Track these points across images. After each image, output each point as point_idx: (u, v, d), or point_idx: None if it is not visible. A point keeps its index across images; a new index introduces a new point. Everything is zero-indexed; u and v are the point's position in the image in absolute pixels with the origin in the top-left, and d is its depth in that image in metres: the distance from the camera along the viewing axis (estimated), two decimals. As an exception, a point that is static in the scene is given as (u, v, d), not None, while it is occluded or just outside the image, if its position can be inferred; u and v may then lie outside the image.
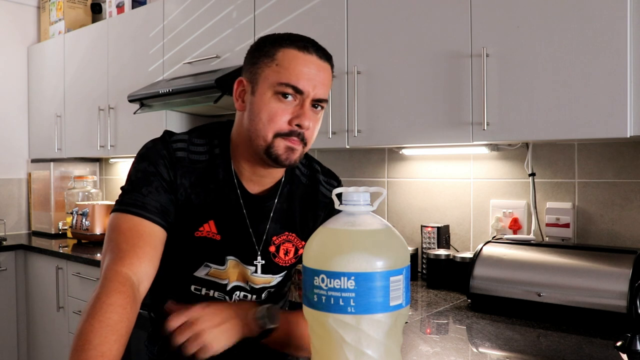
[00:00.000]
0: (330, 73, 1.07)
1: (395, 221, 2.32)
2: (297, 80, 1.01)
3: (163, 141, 1.09)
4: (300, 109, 1.02)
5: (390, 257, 0.69)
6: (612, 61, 1.47)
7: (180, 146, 1.08)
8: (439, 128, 1.80)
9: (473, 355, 1.32)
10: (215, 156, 1.10)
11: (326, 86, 1.05)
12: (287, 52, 1.03)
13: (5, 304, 3.20)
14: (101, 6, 3.73)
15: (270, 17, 2.28)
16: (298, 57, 1.02)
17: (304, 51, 1.02)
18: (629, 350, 1.27)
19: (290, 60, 1.02)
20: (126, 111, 3.00)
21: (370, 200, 0.73)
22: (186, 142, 1.09)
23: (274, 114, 1.02)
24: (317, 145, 2.13)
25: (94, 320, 0.83)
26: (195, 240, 1.09)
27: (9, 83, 3.78)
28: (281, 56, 1.02)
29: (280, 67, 1.02)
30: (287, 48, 1.03)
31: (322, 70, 1.04)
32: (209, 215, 1.09)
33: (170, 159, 1.07)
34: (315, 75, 1.02)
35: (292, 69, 1.01)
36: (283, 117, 1.02)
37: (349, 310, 0.67)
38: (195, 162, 1.09)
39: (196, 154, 1.09)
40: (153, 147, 1.09)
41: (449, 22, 1.77)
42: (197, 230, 1.08)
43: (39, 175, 3.71)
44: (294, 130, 1.02)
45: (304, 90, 1.01)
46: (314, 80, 1.02)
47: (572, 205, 1.89)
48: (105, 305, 0.85)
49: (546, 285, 1.58)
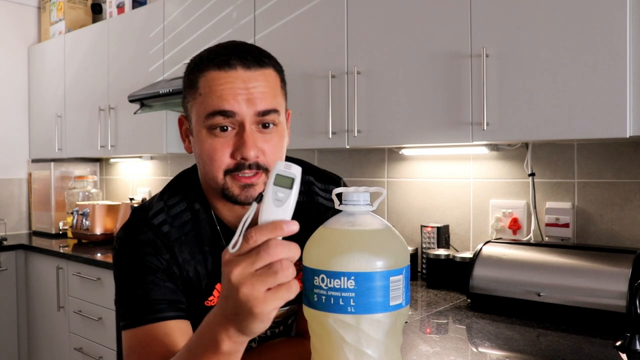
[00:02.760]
0: (272, 76, 0.92)
1: (395, 221, 2.33)
2: (221, 104, 0.86)
3: (140, 223, 0.96)
4: (240, 137, 0.87)
5: (390, 257, 0.69)
6: (611, 61, 1.47)
7: (162, 219, 0.95)
8: (439, 128, 1.81)
9: (473, 355, 1.32)
10: (196, 212, 0.98)
11: (267, 95, 0.89)
12: (207, 76, 0.89)
13: (5, 303, 3.20)
14: (101, 6, 3.74)
15: (270, 17, 2.29)
16: (218, 78, 0.88)
17: (225, 68, 0.88)
18: (629, 350, 1.27)
19: (211, 85, 0.88)
20: (126, 111, 3.00)
21: (370, 200, 0.73)
22: (164, 212, 0.96)
23: (212, 152, 0.88)
24: (317, 145, 2.14)
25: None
26: (206, 310, 0.97)
27: (9, 83, 3.78)
28: (202, 83, 0.89)
29: (203, 96, 0.89)
30: (207, 71, 0.89)
31: (254, 80, 0.88)
32: (215, 280, 0.98)
33: (156, 242, 0.94)
34: (244, 89, 0.87)
35: (213, 94, 0.87)
36: (224, 154, 0.88)
37: (348, 310, 0.67)
38: (182, 227, 0.96)
39: (179, 217, 0.97)
40: (128, 238, 0.95)
41: (449, 22, 1.78)
42: (207, 300, 0.98)
43: (40, 175, 3.72)
44: (240, 163, 0.88)
45: (236, 111, 0.87)
46: (244, 95, 0.87)
47: (571, 205, 1.89)
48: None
49: (546, 285, 1.58)
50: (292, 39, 2.20)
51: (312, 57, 2.14)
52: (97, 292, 2.69)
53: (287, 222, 0.63)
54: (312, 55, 2.14)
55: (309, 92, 2.14)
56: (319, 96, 2.11)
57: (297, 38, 2.19)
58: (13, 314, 3.24)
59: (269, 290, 0.62)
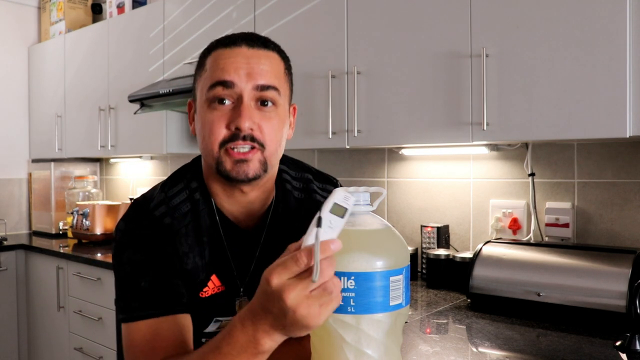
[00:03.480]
0: (276, 59, 0.94)
1: (395, 221, 2.33)
2: (222, 75, 0.89)
3: (142, 215, 0.95)
4: (236, 110, 0.89)
5: (390, 257, 0.69)
6: (611, 61, 1.47)
7: (163, 210, 0.95)
8: (439, 128, 1.81)
9: (473, 354, 1.32)
10: (196, 202, 0.97)
11: (267, 72, 0.91)
12: (214, 55, 0.93)
13: (5, 303, 3.20)
14: (101, 6, 3.74)
15: (270, 17, 2.29)
16: (223, 54, 0.91)
17: (230, 46, 0.91)
18: (629, 350, 1.27)
19: (216, 60, 0.91)
20: (126, 111, 3.00)
21: (370, 200, 0.73)
22: (165, 203, 0.96)
23: (210, 124, 0.90)
24: (317, 145, 2.14)
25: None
26: (201, 301, 0.97)
27: (9, 83, 3.78)
28: (209, 61, 0.93)
29: (208, 72, 0.92)
30: (214, 51, 0.93)
31: (256, 57, 0.91)
32: (211, 271, 0.98)
33: (158, 235, 0.93)
34: (245, 64, 0.89)
35: (216, 67, 0.90)
36: (220, 125, 0.89)
37: (349, 310, 0.67)
38: (183, 218, 0.95)
39: (179, 209, 0.96)
40: (130, 229, 0.94)
41: (449, 22, 1.78)
42: (202, 291, 0.97)
43: (40, 175, 3.72)
44: (235, 134, 0.89)
45: (234, 82, 0.89)
46: (245, 69, 0.89)
47: (571, 205, 1.89)
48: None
49: (546, 285, 1.58)
50: (292, 39, 2.20)
51: (312, 57, 2.14)
52: (97, 292, 2.69)
53: (334, 242, 0.65)
54: (312, 55, 2.14)
55: (309, 92, 2.14)
56: (319, 96, 2.11)
57: (297, 38, 2.19)
58: (13, 314, 3.24)
59: (322, 305, 0.65)
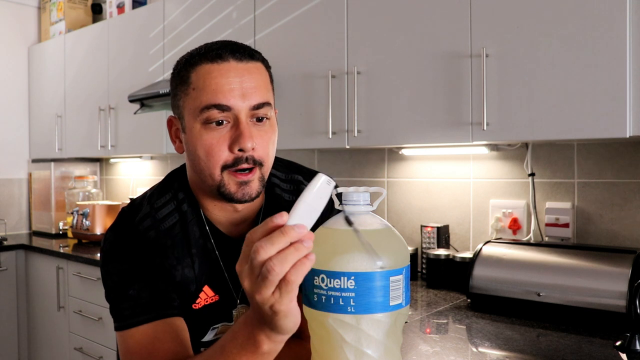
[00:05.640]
0: (263, 70, 0.92)
1: (395, 221, 2.33)
2: (216, 97, 0.86)
3: (127, 227, 0.94)
4: (236, 130, 0.87)
5: (390, 257, 0.69)
6: (611, 61, 1.47)
7: (148, 224, 0.94)
8: (439, 128, 1.81)
9: (473, 354, 1.32)
10: (184, 214, 0.96)
11: (260, 88, 0.89)
12: (200, 70, 0.89)
13: (5, 304, 3.20)
14: (102, 6, 3.74)
15: (270, 17, 2.29)
16: (211, 71, 0.88)
17: (217, 61, 0.88)
18: (629, 350, 1.27)
19: (205, 78, 0.88)
20: (127, 111, 3.00)
21: (370, 200, 0.73)
22: (151, 216, 0.95)
23: (209, 147, 0.88)
24: (317, 145, 2.14)
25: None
26: (194, 313, 0.97)
27: (9, 83, 3.78)
28: (195, 77, 0.89)
29: (197, 91, 0.88)
30: (199, 65, 0.89)
31: (247, 72, 0.89)
32: (202, 283, 0.97)
33: (143, 248, 0.92)
34: (239, 83, 0.87)
35: (208, 87, 0.87)
36: (221, 147, 0.87)
37: (348, 310, 0.67)
38: (170, 231, 0.95)
39: (165, 221, 0.95)
40: (116, 240, 0.94)
41: (449, 22, 1.78)
42: (195, 302, 0.97)
43: (40, 175, 3.72)
44: (239, 157, 0.88)
45: (231, 106, 0.87)
46: (240, 89, 0.87)
47: (571, 205, 1.89)
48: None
49: (546, 285, 1.58)
50: (292, 39, 2.20)
51: (312, 57, 2.14)
52: (97, 292, 2.69)
53: (283, 220, 0.65)
54: (312, 55, 2.14)
55: (309, 92, 2.14)
56: (319, 96, 2.11)
57: (297, 38, 2.19)
58: (13, 314, 3.24)
59: (276, 290, 0.64)
